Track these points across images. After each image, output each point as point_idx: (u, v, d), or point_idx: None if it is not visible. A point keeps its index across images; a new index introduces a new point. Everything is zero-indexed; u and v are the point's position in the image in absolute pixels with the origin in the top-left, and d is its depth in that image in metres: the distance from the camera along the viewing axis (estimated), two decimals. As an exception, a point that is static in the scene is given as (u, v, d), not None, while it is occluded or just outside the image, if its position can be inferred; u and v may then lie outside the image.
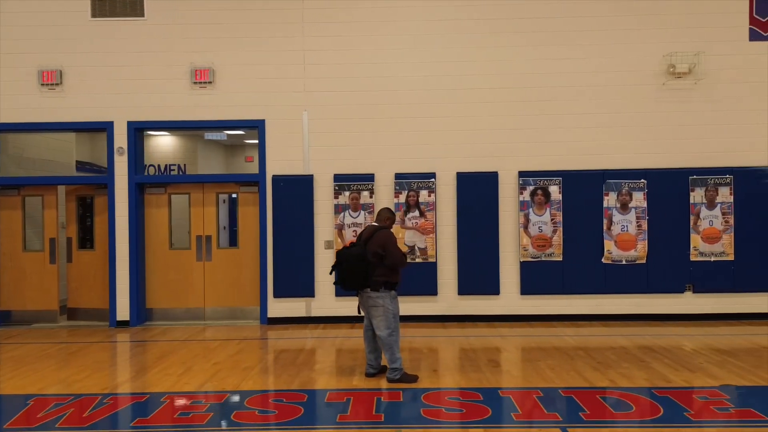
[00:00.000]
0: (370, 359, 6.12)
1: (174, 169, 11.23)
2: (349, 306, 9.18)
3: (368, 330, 6.13)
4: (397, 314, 6.04)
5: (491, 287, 9.21)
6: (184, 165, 10.97)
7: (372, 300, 5.95)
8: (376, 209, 9.13)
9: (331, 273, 6.09)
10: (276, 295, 9.22)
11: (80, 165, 11.31)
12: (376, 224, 6.16)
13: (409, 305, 9.23)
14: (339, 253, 6.02)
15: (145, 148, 9.94)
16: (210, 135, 11.44)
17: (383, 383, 5.86)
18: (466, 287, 9.21)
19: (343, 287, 5.99)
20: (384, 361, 6.21)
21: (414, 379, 5.92)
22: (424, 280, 9.17)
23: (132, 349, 7.88)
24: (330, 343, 7.92)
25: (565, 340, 7.82)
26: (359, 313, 6.21)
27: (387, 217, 6.16)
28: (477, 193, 9.19)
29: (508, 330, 8.58)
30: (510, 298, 9.24)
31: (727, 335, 7.98)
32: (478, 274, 9.19)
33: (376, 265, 5.88)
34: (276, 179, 9.23)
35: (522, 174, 9.17)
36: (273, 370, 6.50)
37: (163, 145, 11.20)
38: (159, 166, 10.81)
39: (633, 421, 4.78)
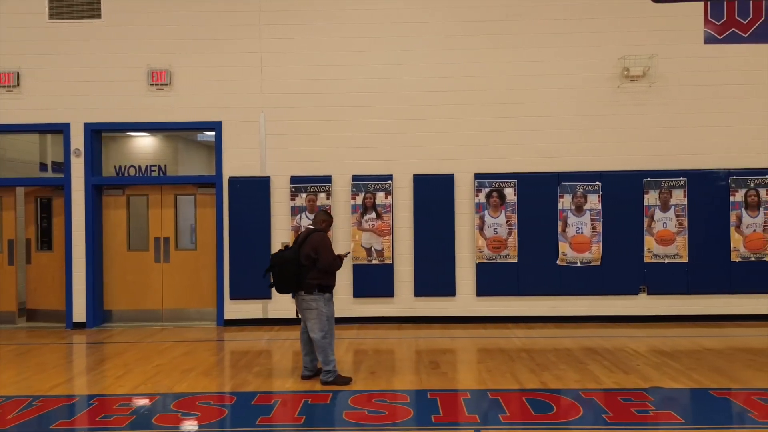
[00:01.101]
0: (306, 362, 6.14)
1: (155, 170, 11.20)
2: (305, 307, 9.25)
3: (304, 333, 6.15)
4: (331, 317, 6.06)
5: (447, 289, 9.24)
6: (165, 166, 10.90)
7: (306, 303, 5.97)
8: (333, 211, 9.22)
9: (264, 276, 6.11)
10: (232, 296, 9.23)
11: (55, 165, 11.26)
12: (311, 227, 6.18)
13: (366, 307, 9.29)
14: (273, 256, 6.04)
15: (126, 149, 9.98)
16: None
17: (317, 386, 5.88)
18: (422, 289, 9.24)
19: (277, 290, 6.01)
20: (320, 364, 6.24)
21: (348, 381, 5.94)
22: (381, 282, 9.20)
23: (80, 351, 7.89)
24: (280, 345, 7.94)
25: (512, 342, 7.85)
26: (297, 316, 6.24)
27: (322, 219, 6.19)
28: (433, 195, 9.23)
29: (460, 332, 8.62)
30: (466, 300, 9.28)
31: (674, 337, 8.03)
32: (434, 276, 9.22)
33: (309, 268, 5.91)
34: (233, 181, 9.25)
35: (478, 176, 9.20)
36: (213, 372, 6.51)
37: (144, 146, 11.11)
38: (140, 166, 10.77)
39: (548, 423, 4.81)
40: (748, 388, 5.60)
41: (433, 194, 9.22)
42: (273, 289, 6.00)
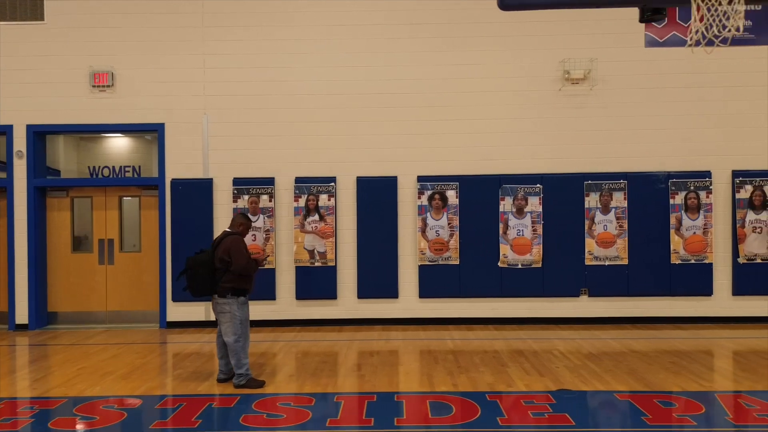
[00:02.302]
0: (221, 365, 6.16)
1: (129, 171, 11.19)
2: (251, 309, 9.22)
3: (220, 336, 6.16)
4: (245, 321, 6.08)
5: (390, 291, 9.27)
6: (139, 167, 10.82)
7: (220, 306, 5.99)
8: (276, 213, 9.24)
9: (177, 279, 6.11)
10: (175, 298, 9.22)
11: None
12: (228, 230, 6.20)
13: (309, 309, 9.31)
14: (188, 259, 6.05)
15: (99, 149, 9.96)
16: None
17: (229, 389, 5.89)
18: (365, 291, 9.26)
19: (191, 293, 6.02)
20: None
21: (261, 384, 5.95)
22: (324, 284, 9.22)
23: (13, 353, 7.87)
24: (213, 347, 7.92)
25: (445, 344, 7.88)
26: (215, 318, 6.25)
27: (240, 222, 6.20)
28: (377, 197, 9.25)
29: (399, 333, 8.64)
30: (409, 302, 9.30)
31: (606, 339, 8.07)
32: (377, 278, 9.24)
33: (223, 272, 5.92)
34: (175, 183, 9.24)
35: (420, 178, 9.23)
36: (133, 375, 6.50)
37: (118, 146, 11.04)
38: (114, 167, 10.76)
39: (440, 426, 4.84)
40: (655, 391, 5.63)
41: (377, 196, 9.24)
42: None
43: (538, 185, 9.17)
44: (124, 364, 7.01)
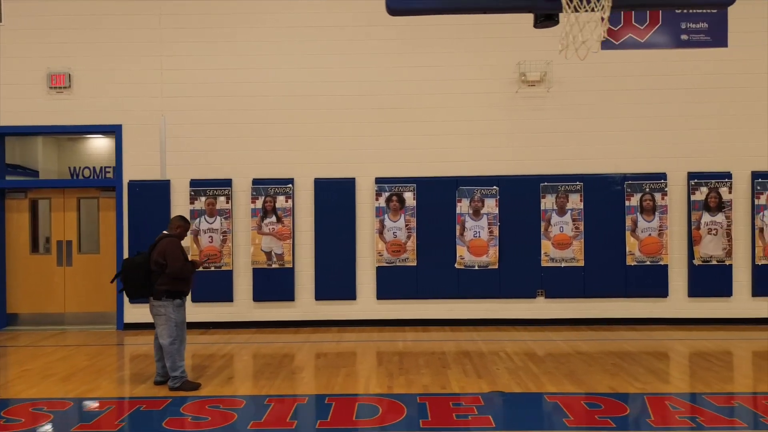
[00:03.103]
0: (158, 367, 6.16)
1: (109, 172, 11.18)
2: (206, 311, 9.28)
3: (157, 338, 6.17)
4: (181, 323, 6.07)
5: (348, 292, 9.28)
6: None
7: (155, 309, 6.00)
8: (233, 215, 9.25)
9: (112, 282, 6.12)
10: (132, 300, 9.22)
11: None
12: (166, 232, 6.20)
13: (266, 311, 9.31)
14: (124, 262, 6.06)
15: (81, 150, 9.94)
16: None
17: (163, 391, 5.90)
18: (323, 292, 9.27)
19: (127, 296, 6.03)
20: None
21: (196, 386, 5.97)
22: (281, 286, 9.22)
23: (-38, 356, 7.88)
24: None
25: (395, 345, 7.91)
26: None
27: (177, 225, 6.21)
28: (335, 198, 9.26)
29: (354, 335, 8.66)
30: (366, 303, 9.31)
31: (557, 340, 8.10)
32: (335, 280, 9.25)
33: (159, 274, 5.93)
34: (132, 184, 9.24)
35: (378, 180, 9.25)
36: (73, 377, 6.50)
37: (99, 147, 11.00)
38: (95, 168, 10.75)
39: (363, 428, 4.86)
40: (586, 393, 5.66)
41: (335, 198, 9.25)
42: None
43: (494, 187, 9.20)
44: (70, 366, 7.01)
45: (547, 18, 4.68)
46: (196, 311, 9.25)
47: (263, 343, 8.20)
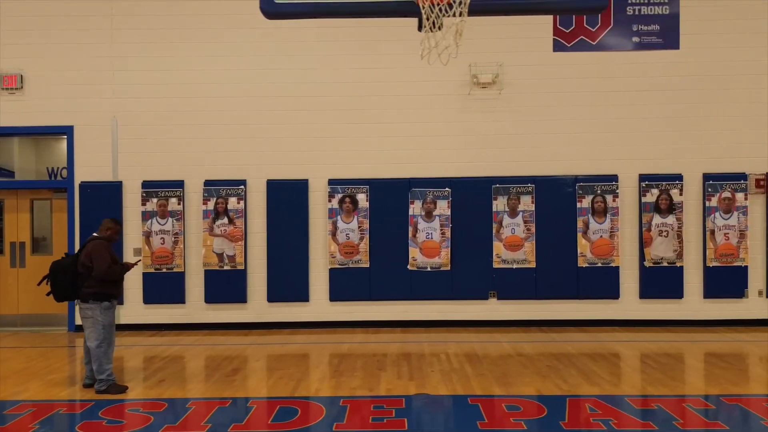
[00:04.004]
0: (87, 370, 6.13)
1: None
2: (158, 313, 9.26)
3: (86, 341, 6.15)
4: (109, 326, 6.04)
5: (301, 294, 9.27)
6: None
7: (83, 311, 5.98)
8: (185, 216, 9.23)
9: (39, 284, 6.09)
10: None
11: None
12: (95, 234, 6.18)
13: (218, 313, 9.30)
14: (51, 264, 6.04)
15: (59, 150, 9.85)
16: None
17: (89, 394, 5.88)
18: (275, 294, 9.25)
19: (54, 298, 6.01)
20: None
21: (123, 389, 5.95)
22: (233, 288, 9.21)
23: None
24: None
25: (340, 348, 7.90)
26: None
27: (107, 227, 6.19)
28: (288, 200, 9.25)
29: (302, 337, 8.64)
30: (319, 305, 9.31)
31: (503, 342, 8.10)
32: (288, 281, 9.24)
33: (86, 277, 5.91)
34: (83, 186, 9.21)
35: (331, 182, 9.24)
36: (6, 379, 6.47)
37: None
38: None
39: (275, 430, 4.85)
40: (509, 395, 5.66)
41: (288, 199, 9.25)
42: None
43: (447, 189, 9.20)
44: (6, 368, 6.97)
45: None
46: (147, 313, 9.26)
47: (209, 345, 8.19)
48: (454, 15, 4.65)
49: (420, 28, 4.75)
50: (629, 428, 4.79)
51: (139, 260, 6.90)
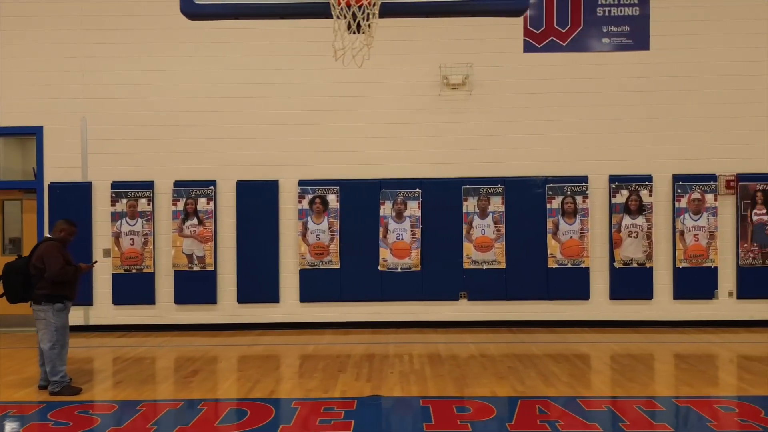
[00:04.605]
0: (42, 371, 6.11)
1: None
2: (127, 314, 9.23)
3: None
4: (62, 328, 6.01)
5: (271, 295, 9.24)
6: None
7: (36, 313, 5.96)
8: (155, 217, 9.20)
9: (-8, 285, 6.07)
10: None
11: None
12: (49, 236, 6.16)
13: (188, 314, 9.26)
14: (4, 266, 6.02)
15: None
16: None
17: (44, 395, 5.85)
18: (245, 295, 9.23)
19: (7, 300, 5.98)
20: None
21: (77, 391, 5.92)
22: (203, 289, 9.18)
23: None
24: (73, 352, 7.85)
25: (305, 349, 7.89)
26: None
27: (61, 228, 6.16)
28: (258, 201, 9.23)
29: (271, 339, 8.62)
30: (290, 306, 9.28)
31: (469, 343, 8.08)
32: (258, 282, 9.22)
33: (39, 278, 5.88)
34: (53, 186, 9.17)
35: (302, 182, 9.22)
36: (-36, 381, 6.47)
37: None
38: None
39: (222, 434, 4.86)
40: (462, 397, 5.66)
41: (257, 200, 9.22)
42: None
43: (417, 189, 9.19)
44: (-33, 370, 6.96)
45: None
46: (117, 314, 9.23)
47: (175, 347, 8.16)
48: (366, 17, 4.60)
49: (348, 29, 4.71)
50: (574, 429, 4.78)
51: (96, 262, 6.86)
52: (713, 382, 6.17)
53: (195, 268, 9.16)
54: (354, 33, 4.70)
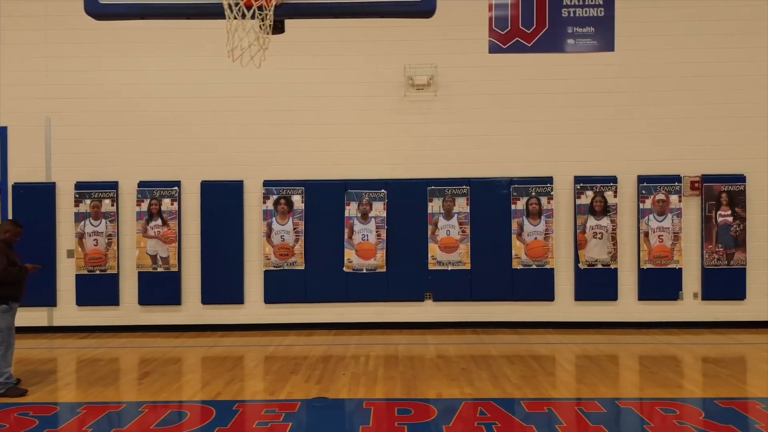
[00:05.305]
0: (-11, 373, 6.09)
1: None
2: (91, 315, 9.19)
3: (-13, 343, 6.09)
4: (6, 329, 5.99)
5: (235, 296, 9.21)
6: None
7: (-20, 314, 5.93)
8: (119, 218, 9.17)
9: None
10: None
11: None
12: (-6, 237, 6.13)
13: (152, 315, 9.23)
14: (-50, 267, 5.98)
15: None
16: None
17: (-12, 398, 5.84)
18: (210, 296, 9.20)
19: (-47, 301, 5.96)
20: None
21: (22, 393, 5.88)
22: (167, 290, 9.14)
23: None
24: (26, 354, 7.79)
25: (265, 351, 7.87)
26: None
27: (6, 229, 6.14)
28: (222, 201, 9.20)
29: (232, 340, 8.59)
30: (254, 307, 9.25)
31: (430, 344, 8.07)
32: (222, 284, 9.19)
33: (-16, 279, 5.85)
34: (16, 187, 9.13)
35: (266, 183, 9.20)
36: None
37: None
38: None
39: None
40: (407, 399, 5.64)
41: (222, 201, 9.20)
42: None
43: (382, 190, 9.17)
44: None
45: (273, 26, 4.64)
46: (81, 315, 9.18)
47: (135, 348, 8.13)
48: (263, 18, 4.59)
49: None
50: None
51: (41, 266, 6.78)
52: (663, 383, 6.16)
53: (159, 269, 9.12)
54: (268, 33, 4.65)
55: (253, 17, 4.49)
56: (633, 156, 9.15)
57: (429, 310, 9.23)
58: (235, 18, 4.50)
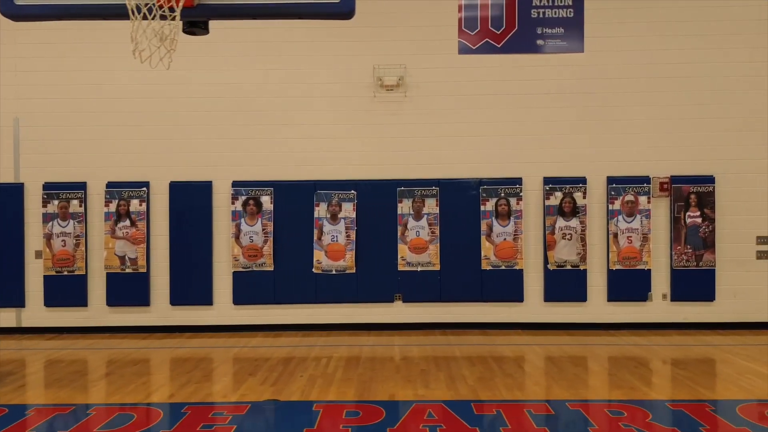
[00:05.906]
0: (-60, 375, 6.08)
1: None
2: (60, 316, 9.16)
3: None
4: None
5: (204, 298, 9.19)
6: None
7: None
8: (87, 218, 9.13)
9: None
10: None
11: None
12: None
13: (120, 316, 9.21)
14: None
15: None
16: None
17: (-61, 400, 5.81)
18: (178, 297, 9.17)
19: None
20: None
21: (-27, 395, 5.89)
22: (136, 291, 9.11)
23: None
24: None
25: (228, 353, 7.84)
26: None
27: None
28: (191, 202, 9.18)
29: (200, 341, 8.57)
30: (223, 309, 9.23)
31: (396, 345, 8.06)
32: (191, 285, 9.16)
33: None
34: (-16, 188, 9.13)
35: (235, 184, 9.18)
36: None
37: None
38: None
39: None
40: (358, 401, 5.63)
41: (191, 202, 9.17)
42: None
43: (352, 191, 9.16)
44: None
45: (192, 25, 4.63)
46: (49, 316, 9.16)
47: (100, 349, 8.09)
48: (173, 19, 4.57)
49: (184, 29, 4.70)
50: (454, 434, 4.77)
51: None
52: (619, 385, 6.15)
53: (127, 270, 9.10)
54: (175, 37, 4.64)
55: (163, 18, 4.44)
56: (602, 157, 9.15)
57: (398, 312, 9.22)
58: (144, 18, 4.42)
